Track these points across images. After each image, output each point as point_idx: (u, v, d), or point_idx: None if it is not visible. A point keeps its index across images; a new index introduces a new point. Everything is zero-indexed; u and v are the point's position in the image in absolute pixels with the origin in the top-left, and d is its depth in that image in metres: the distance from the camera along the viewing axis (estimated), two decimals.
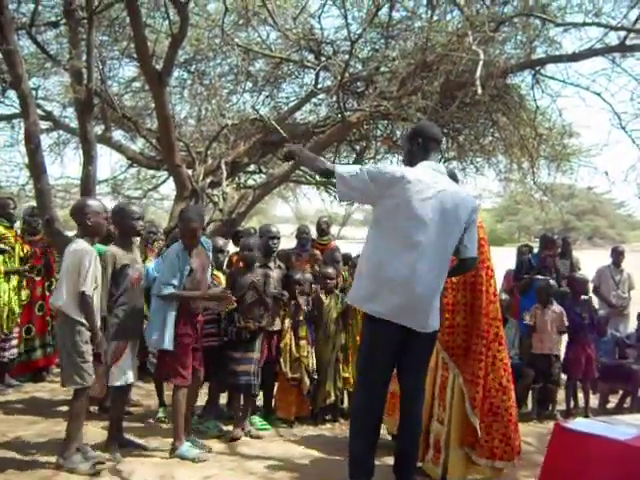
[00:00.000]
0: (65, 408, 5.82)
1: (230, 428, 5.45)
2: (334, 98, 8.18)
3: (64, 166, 17.56)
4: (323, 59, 8.34)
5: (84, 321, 4.42)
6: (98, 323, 4.51)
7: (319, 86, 8.54)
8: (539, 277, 7.01)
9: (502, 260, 8.66)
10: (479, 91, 6.32)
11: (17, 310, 6.48)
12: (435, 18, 7.77)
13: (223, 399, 5.96)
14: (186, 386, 4.88)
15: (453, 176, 4.52)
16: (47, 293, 6.91)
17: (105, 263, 4.71)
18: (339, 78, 7.32)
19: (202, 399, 5.83)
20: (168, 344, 4.74)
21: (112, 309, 4.76)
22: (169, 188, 11.12)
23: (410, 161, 4.05)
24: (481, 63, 6.34)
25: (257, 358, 5.43)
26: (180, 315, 4.83)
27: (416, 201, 3.77)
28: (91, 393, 4.76)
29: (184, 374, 4.84)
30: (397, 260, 3.77)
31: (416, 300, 3.79)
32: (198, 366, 5.04)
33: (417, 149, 4.06)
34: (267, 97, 9.49)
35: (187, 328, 4.88)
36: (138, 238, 5.69)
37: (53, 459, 4.56)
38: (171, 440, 4.87)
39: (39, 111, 8.07)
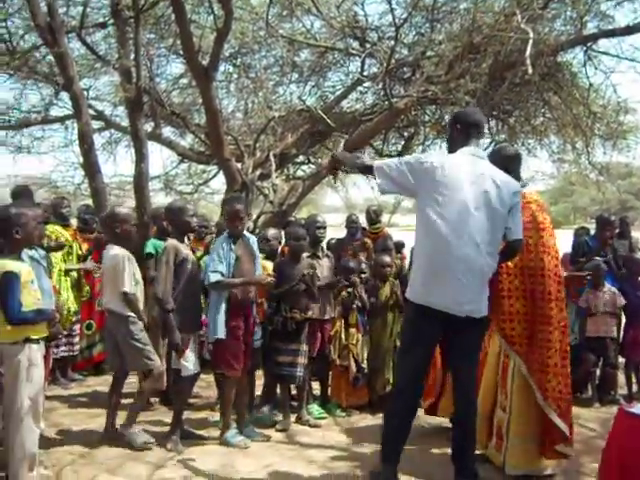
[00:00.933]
0: (126, 400, 5.97)
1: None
2: (380, 85, 8.13)
3: (117, 164, 17.85)
4: (368, 46, 8.29)
5: (133, 314, 4.84)
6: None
7: (365, 73, 8.48)
8: (596, 259, 6.83)
9: (558, 243, 8.44)
10: (529, 71, 6.19)
11: (74, 308, 6.62)
12: None
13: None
14: (236, 376, 4.94)
15: (516, 157, 4.43)
16: None
17: (167, 257, 4.85)
18: (385, 64, 7.26)
19: (259, 389, 5.91)
20: (220, 333, 4.82)
21: (172, 302, 4.87)
22: (219, 182, 11.21)
23: (450, 148, 4.09)
24: (530, 42, 6.21)
25: (304, 350, 5.40)
26: (231, 307, 4.90)
27: (455, 188, 3.79)
28: (151, 385, 4.94)
29: (234, 364, 4.90)
30: (442, 248, 3.79)
31: (463, 287, 3.79)
32: (247, 358, 5.07)
33: (457, 135, 4.06)
34: (313, 87, 9.48)
35: (238, 320, 4.94)
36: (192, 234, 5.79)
37: (116, 450, 4.70)
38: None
39: (91, 111, 8.25)
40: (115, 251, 4.90)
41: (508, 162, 4.31)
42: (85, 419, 5.52)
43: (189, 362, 4.90)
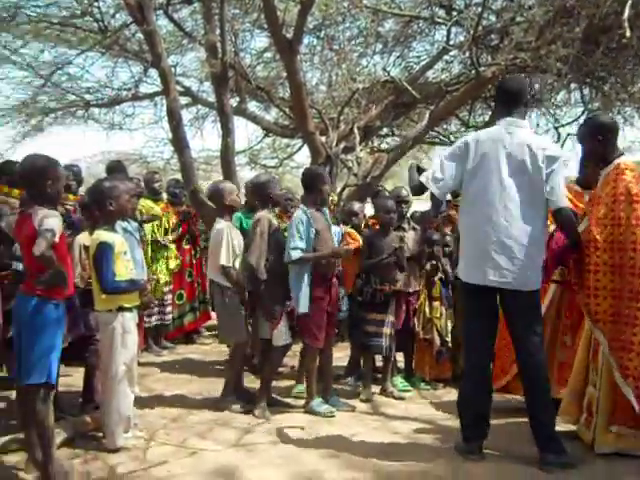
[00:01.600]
0: (216, 368, 6.17)
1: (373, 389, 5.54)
2: (467, 54, 7.91)
3: (204, 139, 18.25)
4: (455, 14, 8.06)
5: (231, 287, 5.00)
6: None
7: (451, 42, 8.26)
8: None
9: None
10: (627, 34, 5.86)
11: (164, 279, 6.84)
12: None
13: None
14: (319, 348, 5.00)
15: (611, 126, 4.23)
16: (194, 261, 7.32)
17: (261, 227, 4.97)
18: (472, 32, 7.06)
19: (344, 360, 5.97)
20: (303, 307, 4.86)
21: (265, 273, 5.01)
22: (304, 156, 11.27)
23: (493, 118, 4.13)
24: (629, 3, 5.86)
25: (391, 321, 5.43)
26: (314, 279, 4.93)
27: (488, 160, 3.87)
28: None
29: (318, 336, 4.96)
30: (477, 222, 3.94)
31: (498, 258, 3.87)
32: (331, 329, 5.15)
33: (496, 106, 4.26)
34: (398, 58, 9.32)
35: (321, 291, 4.98)
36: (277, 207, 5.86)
37: (206, 415, 4.87)
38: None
39: (178, 87, 8.42)
40: (220, 225, 5.10)
41: (603, 131, 4.13)
42: (177, 385, 5.74)
43: (281, 333, 5.01)
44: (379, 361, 5.94)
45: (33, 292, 3.60)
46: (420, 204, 8.42)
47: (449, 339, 5.74)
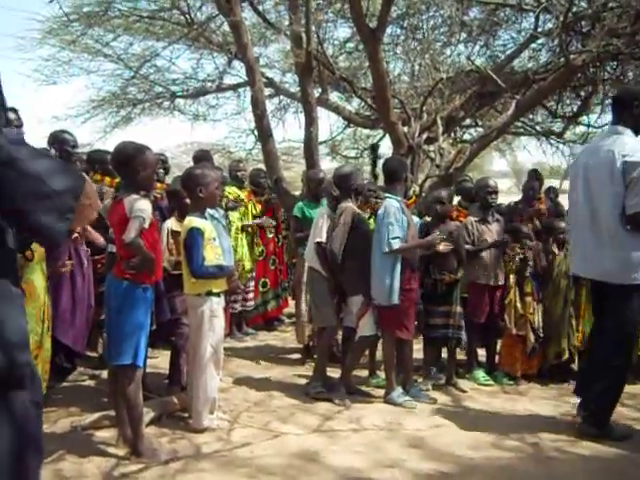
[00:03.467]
0: (297, 355, 6.25)
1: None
2: (556, 41, 7.66)
3: (285, 130, 18.42)
4: (543, 0, 7.82)
5: (321, 270, 5.12)
6: None
7: (539, 30, 8.02)
8: None
9: None
10: None
11: (249, 266, 6.98)
12: None
13: (444, 353, 5.98)
14: (410, 339, 5.00)
15: None
16: (277, 249, 7.43)
17: (345, 217, 5.03)
18: (562, 19, 6.82)
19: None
20: (396, 299, 4.85)
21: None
22: (385, 147, 11.21)
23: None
24: None
25: (456, 311, 5.36)
26: (405, 270, 4.92)
27: (586, 165, 4.26)
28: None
29: (409, 327, 4.96)
30: (573, 219, 4.54)
31: (584, 253, 4.32)
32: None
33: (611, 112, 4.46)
34: (482, 47, 9.11)
35: (412, 283, 4.99)
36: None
37: (288, 400, 4.94)
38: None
39: (262, 78, 8.52)
40: (321, 210, 5.38)
41: None
42: (259, 370, 5.85)
43: (368, 323, 5.03)
44: (461, 354, 5.88)
45: (123, 276, 3.75)
46: (502, 197, 8.26)
47: (541, 334, 5.62)
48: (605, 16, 7.19)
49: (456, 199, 6.98)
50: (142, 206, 3.67)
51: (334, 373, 5.37)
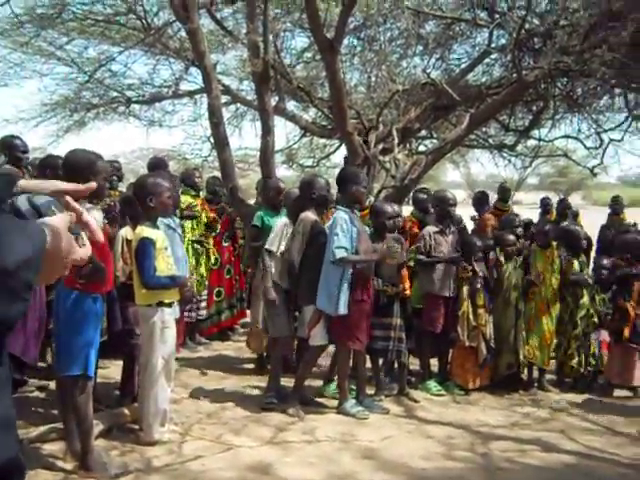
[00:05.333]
0: (251, 366, 6.21)
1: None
2: (509, 57, 7.82)
3: (242, 138, 18.34)
4: (497, 16, 7.98)
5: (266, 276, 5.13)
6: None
7: (493, 45, 8.19)
8: None
9: None
10: None
11: (205, 274, 6.91)
12: None
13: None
14: (361, 349, 5.01)
15: None
16: (233, 258, 7.38)
17: (303, 228, 5.02)
18: (515, 35, 6.97)
19: None
20: (343, 309, 4.84)
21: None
22: (340, 156, 11.28)
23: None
24: None
25: (397, 324, 5.33)
26: (357, 281, 4.92)
27: None
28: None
29: (360, 338, 4.96)
30: None
31: None
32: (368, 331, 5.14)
33: None
34: (438, 60, 9.24)
35: (364, 294, 4.97)
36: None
37: (241, 411, 4.90)
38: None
39: (218, 86, 8.48)
40: (303, 215, 5.15)
41: None
42: (212, 381, 5.79)
43: (319, 333, 5.02)
44: (414, 364, 5.94)
45: (73, 286, 3.69)
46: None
47: (493, 345, 5.70)
48: (556, 34, 7.38)
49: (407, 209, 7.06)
50: (92, 214, 3.61)
51: (289, 383, 5.35)
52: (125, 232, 4.71)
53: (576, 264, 6.03)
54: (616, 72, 6.97)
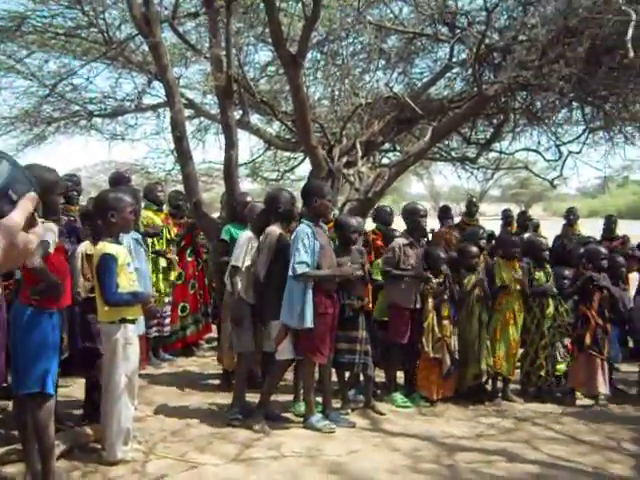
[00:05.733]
0: (216, 382, 6.15)
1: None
2: (470, 71, 7.95)
3: (206, 151, 18.29)
4: (458, 31, 8.11)
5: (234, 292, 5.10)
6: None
7: (454, 59, 8.32)
8: None
9: None
10: (630, 55, 5.88)
11: (164, 290, 6.83)
12: None
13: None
14: (323, 363, 4.99)
15: None
16: (197, 273, 7.32)
17: (270, 243, 5.00)
18: (475, 50, 7.08)
19: None
20: (309, 323, 4.83)
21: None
22: (305, 169, 11.30)
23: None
24: (632, 24, 5.90)
25: (363, 337, 5.32)
26: (321, 294, 4.92)
27: None
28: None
29: (323, 352, 4.94)
30: None
31: None
32: (332, 345, 5.12)
33: None
34: (400, 74, 9.34)
35: (327, 307, 4.97)
36: None
37: (206, 428, 4.85)
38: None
39: (182, 99, 8.44)
40: (244, 233, 5.29)
41: None
42: (176, 398, 5.72)
43: (286, 347, 4.99)
44: (380, 377, 5.95)
45: (29, 302, 3.65)
46: None
47: (457, 357, 5.74)
48: (515, 49, 7.52)
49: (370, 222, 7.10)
50: (47, 230, 3.58)
51: (254, 399, 5.31)
52: (84, 247, 4.65)
53: (542, 275, 6.12)
54: (573, 86, 7.11)
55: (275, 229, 5.06)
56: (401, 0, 8.23)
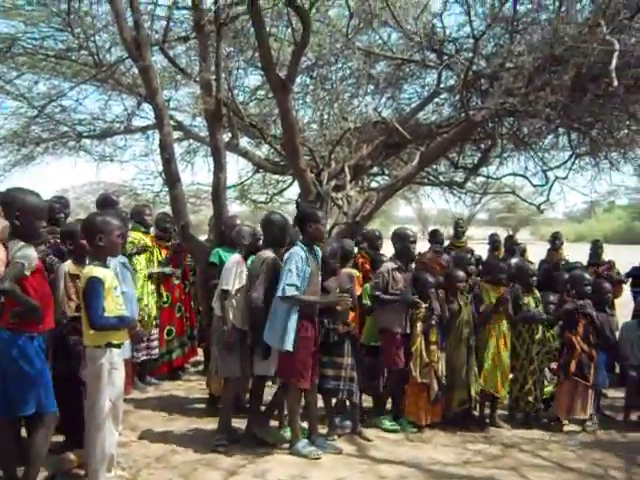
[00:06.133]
0: (201, 406, 6.09)
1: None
2: (457, 97, 8.02)
3: (194, 174, 18.31)
4: (445, 58, 8.20)
5: (225, 317, 5.03)
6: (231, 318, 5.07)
7: (442, 85, 8.40)
8: None
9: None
10: (614, 83, 5.96)
11: (154, 313, 6.80)
12: (563, 9, 7.42)
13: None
14: (305, 388, 4.95)
15: None
16: (183, 296, 7.28)
17: (267, 267, 5.03)
18: (462, 76, 7.16)
19: None
20: (289, 346, 4.82)
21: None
22: (293, 192, 11.31)
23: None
24: (616, 54, 5.98)
25: (349, 363, 5.29)
26: (303, 318, 4.91)
27: None
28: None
29: (305, 375, 4.90)
30: None
31: None
32: (316, 369, 5.08)
33: None
34: (389, 99, 9.42)
35: (310, 331, 4.96)
36: None
37: (191, 455, 4.79)
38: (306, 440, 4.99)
39: (171, 122, 8.45)
40: (233, 257, 5.25)
41: None
42: (162, 423, 5.66)
43: (264, 363, 5.01)
44: (367, 402, 5.92)
45: (7, 325, 3.66)
46: None
47: (444, 382, 5.72)
48: (502, 76, 7.61)
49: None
50: (25, 252, 3.65)
51: (241, 424, 5.26)
52: (67, 267, 4.63)
53: (531, 300, 6.12)
54: (559, 113, 7.18)
55: (270, 254, 5.07)
56: (390, 26, 8.28)
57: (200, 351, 7.72)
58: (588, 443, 5.55)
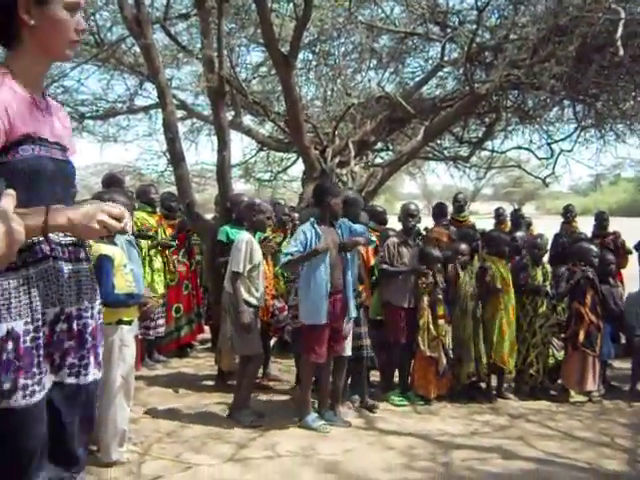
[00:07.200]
0: (210, 382, 6.15)
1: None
2: (461, 70, 7.98)
3: (198, 153, 18.31)
4: (449, 30, 8.14)
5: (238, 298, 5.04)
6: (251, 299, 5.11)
7: (445, 59, 8.34)
8: None
9: None
10: (620, 53, 5.92)
11: (160, 291, 6.83)
12: None
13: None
14: (319, 363, 4.98)
15: None
16: (190, 274, 7.31)
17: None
18: (466, 49, 7.11)
19: None
20: (323, 319, 4.85)
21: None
22: (298, 170, 11.32)
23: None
24: (622, 22, 5.93)
25: (365, 332, 5.43)
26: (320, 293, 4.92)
27: None
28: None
29: (318, 351, 4.93)
30: None
31: None
32: (335, 344, 5.06)
33: None
34: (392, 73, 9.37)
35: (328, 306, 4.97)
36: None
37: (201, 429, 4.85)
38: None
39: (174, 101, 8.43)
40: (241, 236, 5.20)
41: None
42: (171, 399, 5.71)
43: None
44: (374, 376, 5.97)
45: None
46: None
47: (451, 355, 5.76)
48: (506, 48, 7.55)
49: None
50: None
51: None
52: None
53: (539, 273, 6.13)
54: (564, 85, 7.15)
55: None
56: (392, 0, 8.23)
57: (207, 328, 7.76)
58: (594, 412, 5.59)
